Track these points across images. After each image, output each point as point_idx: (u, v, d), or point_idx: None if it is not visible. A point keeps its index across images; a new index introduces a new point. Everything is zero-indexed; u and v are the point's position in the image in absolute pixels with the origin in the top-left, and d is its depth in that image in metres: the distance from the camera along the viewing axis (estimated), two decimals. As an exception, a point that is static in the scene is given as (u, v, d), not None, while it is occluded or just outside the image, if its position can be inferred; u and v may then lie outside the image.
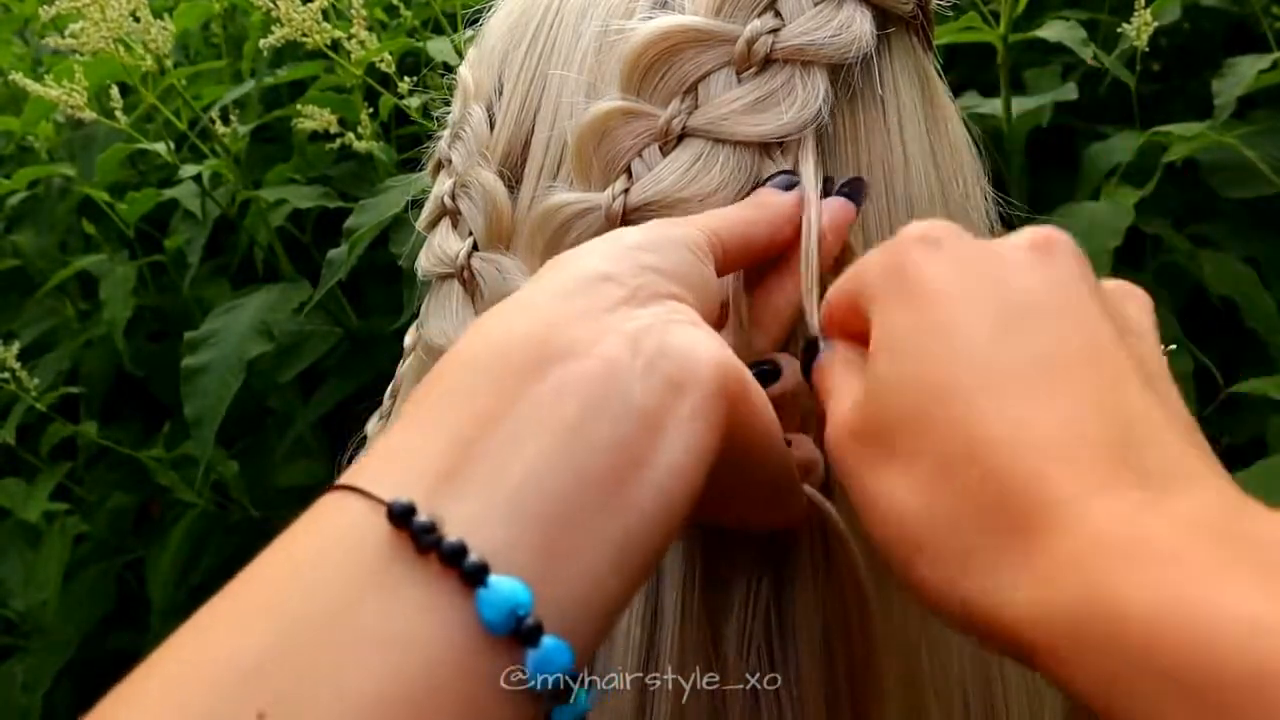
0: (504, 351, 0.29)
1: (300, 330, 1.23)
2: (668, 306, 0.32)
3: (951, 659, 0.42)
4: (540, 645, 0.25)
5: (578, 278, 0.32)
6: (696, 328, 0.32)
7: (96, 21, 1.10)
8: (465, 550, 0.25)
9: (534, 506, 0.26)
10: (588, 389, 0.28)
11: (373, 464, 0.28)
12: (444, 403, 0.29)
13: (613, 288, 0.31)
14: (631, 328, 0.30)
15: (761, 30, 0.41)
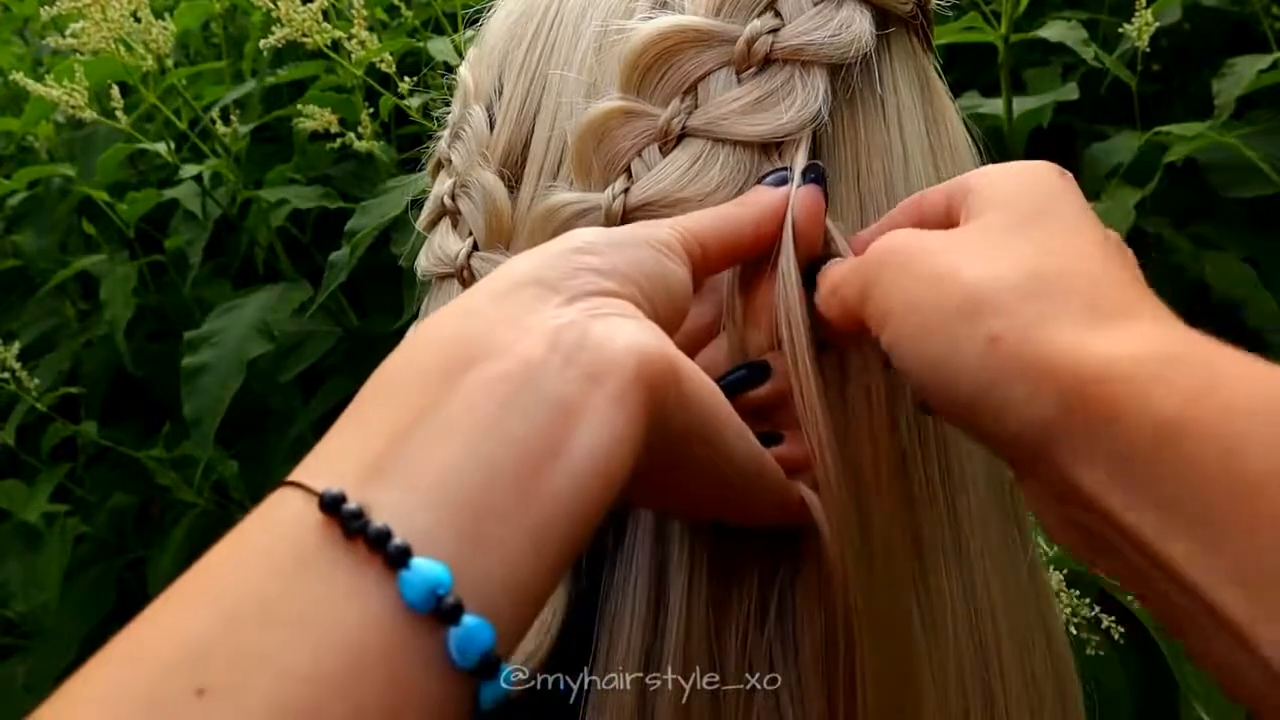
0: (433, 352, 0.31)
1: (301, 330, 1.23)
2: (596, 302, 0.33)
3: (949, 654, 0.42)
4: (461, 623, 0.26)
5: (509, 282, 0.33)
6: (624, 319, 0.33)
7: (97, 21, 1.10)
8: (389, 535, 0.27)
9: (453, 496, 0.28)
10: (504, 386, 0.30)
11: (313, 461, 0.30)
12: (377, 401, 0.31)
13: (541, 290, 0.33)
14: (553, 324, 0.32)
15: (761, 30, 0.41)
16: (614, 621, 0.41)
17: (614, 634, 0.40)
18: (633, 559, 0.41)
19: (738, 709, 0.39)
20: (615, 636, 0.40)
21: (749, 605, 0.40)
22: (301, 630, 0.25)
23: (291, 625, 0.25)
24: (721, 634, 0.40)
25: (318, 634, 0.25)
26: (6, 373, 1.28)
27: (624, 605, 0.41)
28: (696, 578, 0.40)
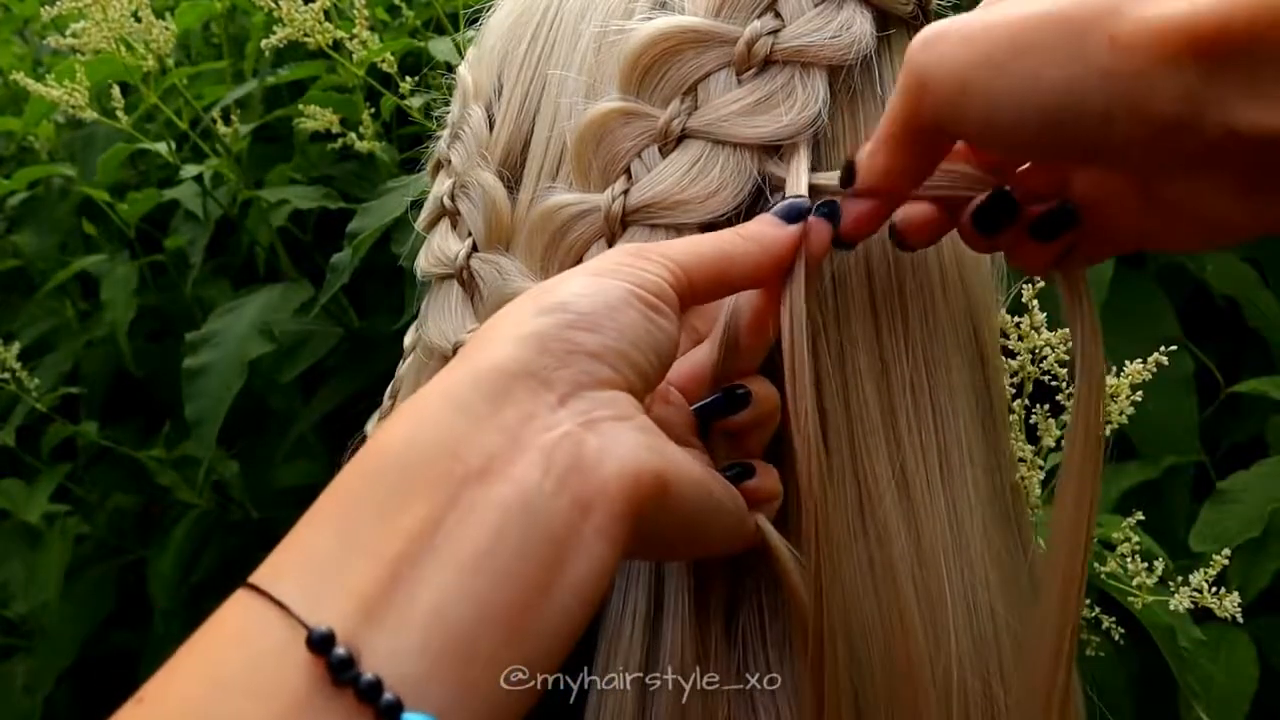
0: (419, 461, 0.30)
1: (301, 330, 1.23)
2: (589, 401, 0.32)
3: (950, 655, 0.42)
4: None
5: (498, 375, 0.32)
6: (618, 422, 0.32)
7: (98, 21, 1.10)
8: (380, 688, 0.26)
9: (446, 641, 0.28)
10: (497, 518, 0.29)
11: (290, 565, 0.29)
12: (359, 509, 0.30)
13: (534, 386, 0.32)
14: (547, 439, 0.31)
15: (761, 31, 0.41)
16: (614, 622, 0.41)
17: (614, 634, 0.40)
18: (632, 560, 0.41)
19: (737, 709, 0.39)
20: (615, 636, 0.40)
21: (747, 604, 0.40)
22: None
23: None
24: (718, 633, 0.40)
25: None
26: (7, 373, 1.28)
27: (624, 605, 0.41)
28: (693, 583, 0.40)
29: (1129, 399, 0.68)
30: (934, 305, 0.43)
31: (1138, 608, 0.72)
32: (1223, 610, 0.69)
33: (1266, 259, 1.04)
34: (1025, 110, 0.32)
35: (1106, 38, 0.31)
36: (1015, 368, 0.66)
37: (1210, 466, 0.99)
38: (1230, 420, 1.03)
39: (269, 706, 0.26)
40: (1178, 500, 0.98)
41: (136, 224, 1.31)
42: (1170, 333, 0.97)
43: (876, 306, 0.41)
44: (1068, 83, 0.31)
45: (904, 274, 0.42)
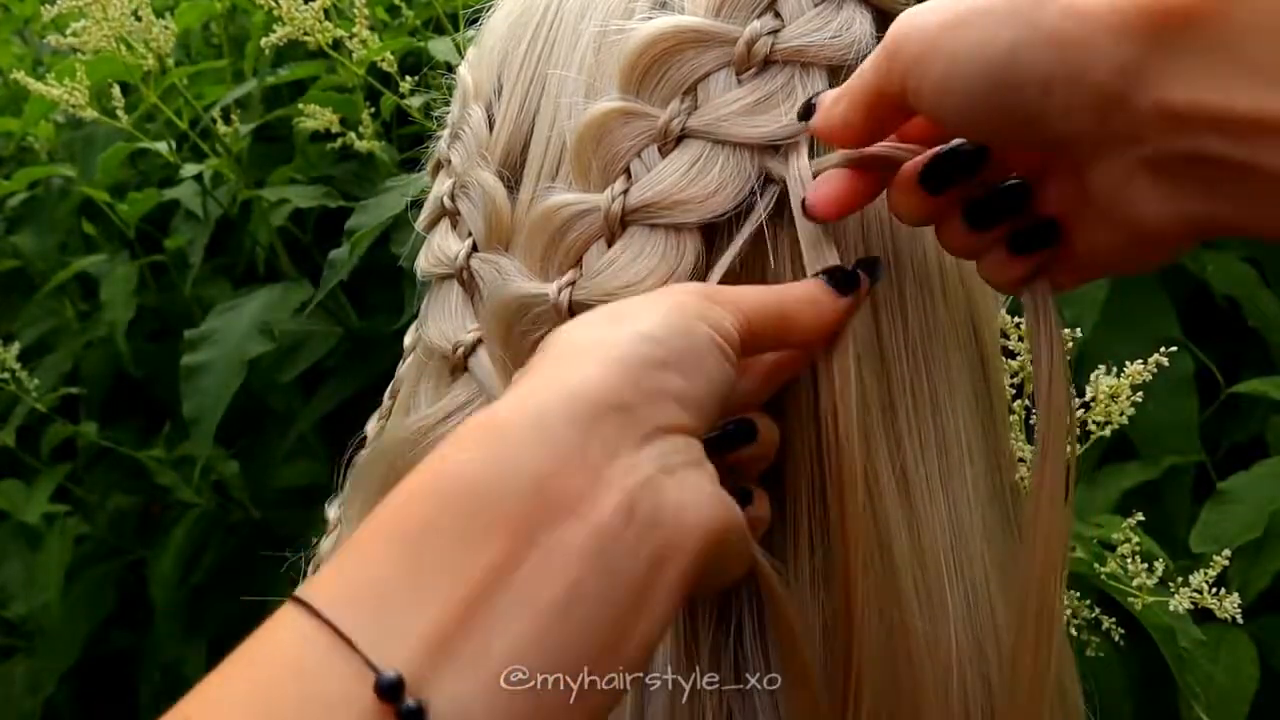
0: (499, 492, 0.29)
1: (301, 330, 1.23)
2: (669, 445, 0.32)
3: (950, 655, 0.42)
4: None
5: (588, 403, 0.31)
6: (694, 470, 0.32)
7: (98, 20, 1.10)
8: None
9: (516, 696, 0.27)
10: (578, 563, 0.29)
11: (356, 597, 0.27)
12: (435, 541, 0.28)
13: (623, 423, 0.31)
14: (630, 483, 0.30)
15: (761, 31, 0.41)
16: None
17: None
18: None
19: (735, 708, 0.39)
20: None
21: (746, 604, 0.40)
22: None
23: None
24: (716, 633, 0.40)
25: None
26: (6, 373, 1.28)
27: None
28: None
29: (1129, 399, 0.68)
30: (934, 305, 0.43)
31: (1138, 608, 0.72)
32: (1223, 611, 0.69)
33: (1266, 259, 1.04)
34: (974, 72, 0.33)
35: (1060, 6, 0.31)
36: (1015, 368, 0.66)
37: (1211, 467, 0.99)
38: (1231, 421, 1.03)
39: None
40: (1178, 501, 0.98)
41: (136, 224, 1.31)
42: (1170, 333, 0.97)
43: (877, 306, 0.41)
44: (1014, 45, 0.32)
45: (904, 274, 0.42)
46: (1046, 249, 0.38)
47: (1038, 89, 0.32)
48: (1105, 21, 0.30)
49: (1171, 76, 0.30)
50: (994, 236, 0.38)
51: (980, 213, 0.38)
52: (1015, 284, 0.39)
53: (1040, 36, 0.31)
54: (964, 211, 0.38)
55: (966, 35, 0.33)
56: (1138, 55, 0.30)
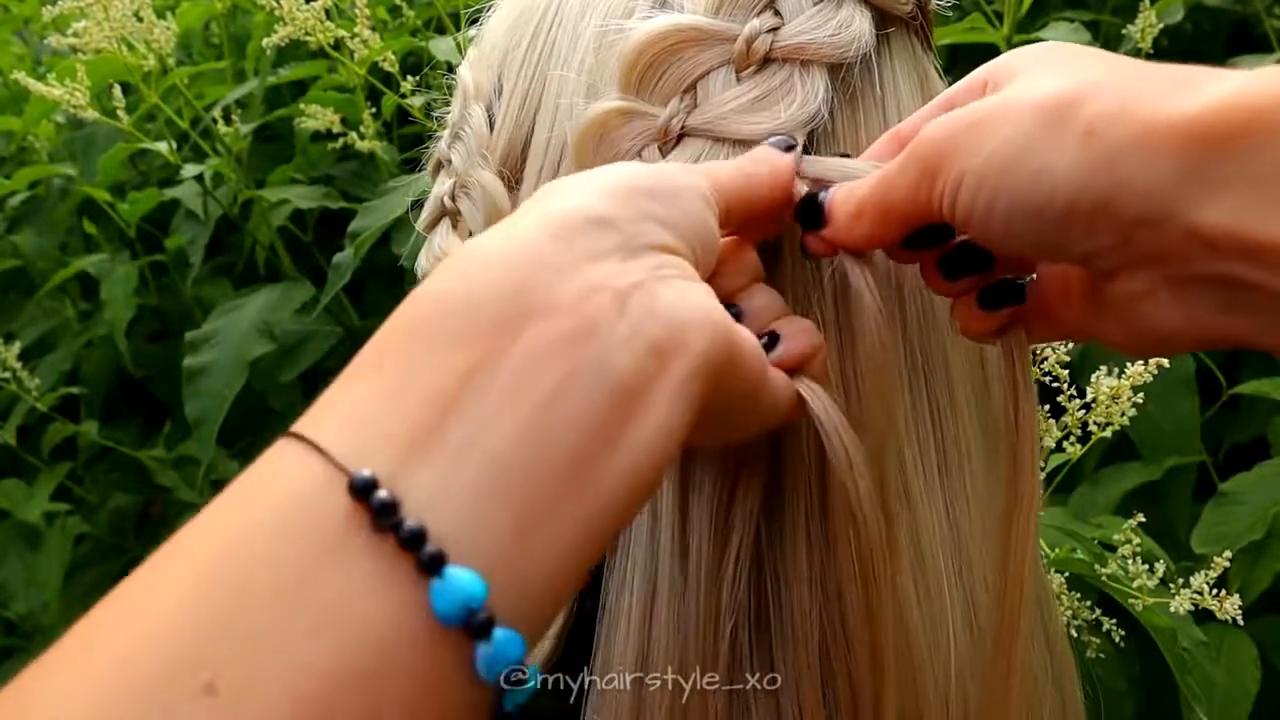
0: (480, 298, 0.28)
1: (302, 330, 1.23)
2: (661, 259, 0.31)
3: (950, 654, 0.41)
4: (491, 639, 0.25)
5: (571, 215, 0.30)
6: (689, 282, 0.31)
7: (99, 21, 1.10)
8: (424, 536, 0.25)
9: (500, 488, 0.26)
10: (565, 355, 0.27)
11: (333, 414, 0.27)
12: (410, 351, 0.28)
13: (608, 234, 0.30)
14: (621, 283, 0.29)
15: (761, 29, 0.41)
16: (612, 621, 0.41)
17: (612, 634, 0.40)
18: (629, 558, 0.41)
19: (734, 708, 0.39)
20: (613, 636, 0.40)
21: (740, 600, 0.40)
22: (322, 625, 0.24)
23: (311, 618, 0.24)
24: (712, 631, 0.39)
25: (340, 631, 0.24)
26: (7, 373, 1.28)
27: (620, 604, 0.41)
28: (685, 576, 0.40)
29: (1130, 400, 0.68)
30: (933, 304, 0.43)
31: (1139, 610, 0.72)
32: (1223, 612, 0.69)
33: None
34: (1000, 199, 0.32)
35: (1082, 130, 0.31)
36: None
37: (1212, 468, 0.99)
38: (1232, 421, 1.03)
39: (302, 547, 0.24)
40: (1179, 502, 0.98)
41: (137, 224, 1.31)
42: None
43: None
44: (1039, 173, 0.31)
45: (903, 273, 0.42)
46: (1013, 305, 0.38)
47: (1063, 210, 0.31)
48: (1133, 145, 0.30)
49: (1205, 205, 0.29)
50: (961, 288, 0.38)
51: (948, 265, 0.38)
52: (985, 335, 0.39)
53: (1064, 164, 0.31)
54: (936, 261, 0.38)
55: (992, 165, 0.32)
56: (1170, 182, 0.30)
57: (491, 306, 0.28)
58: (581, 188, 0.31)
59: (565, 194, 0.31)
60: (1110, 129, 0.30)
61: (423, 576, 0.25)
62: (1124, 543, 0.72)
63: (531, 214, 0.31)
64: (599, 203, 0.31)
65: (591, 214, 0.30)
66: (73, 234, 1.51)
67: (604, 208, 0.31)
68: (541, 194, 0.32)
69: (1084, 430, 0.69)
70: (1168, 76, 0.31)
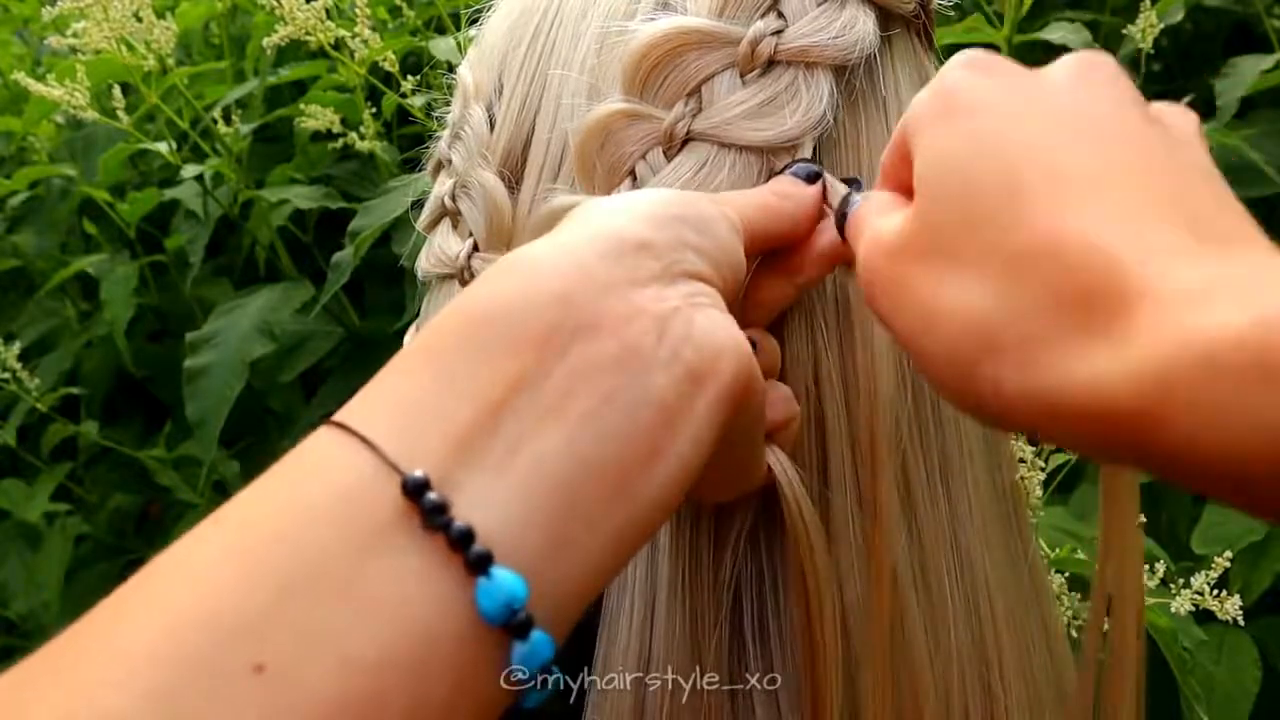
0: (532, 310, 0.29)
1: (302, 330, 1.23)
2: (695, 287, 0.32)
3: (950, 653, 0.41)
4: (529, 639, 0.26)
5: (617, 240, 0.31)
6: (718, 311, 0.32)
7: (99, 21, 1.10)
8: (472, 537, 0.26)
9: (544, 492, 0.27)
10: (609, 374, 0.29)
11: (382, 409, 0.28)
12: (462, 354, 0.28)
13: (648, 259, 0.31)
14: (660, 309, 0.30)
15: (765, 32, 0.41)
16: (612, 621, 0.41)
17: (612, 634, 0.40)
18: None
19: (734, 709, 0.39)
20: (613, 636, 0.40)
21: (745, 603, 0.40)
22: (370, 616, 0.24)
23: (359, 608, 0.24)
24: (715, 633, 0.39)
25: (387, 623, 0.25)
26: (7, 373, 1.28)
27: (621, 604, 0.41)
28: (684, 576, 0.40)
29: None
30: None
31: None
32: (1224, 613, 0.69)
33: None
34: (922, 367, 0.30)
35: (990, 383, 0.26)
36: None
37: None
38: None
39: (354, 540, 0.25)
40: (1179, 502, 0.98)
41: (137, 224, 1.31)
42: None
43: None
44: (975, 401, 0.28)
45: None
46: None
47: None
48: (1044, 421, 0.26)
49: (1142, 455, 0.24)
50: None
51: None
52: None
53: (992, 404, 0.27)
54: None
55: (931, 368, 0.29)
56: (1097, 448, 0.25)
57: (540, 316, 0.29)
58: (625, 210, 0.33)
59: (609, 214, 0.33)
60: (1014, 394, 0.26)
61: (470, 575, 0.25)
62: (1124, 543, 0.72)
63: (577, 231, 0.32)
64: (642, 228, 0.32)
65: (634, 238, 0.32)
66: (73, 234, 1.51)
67: (646, 233, 0.32)
68: (585, 212, 0.33)
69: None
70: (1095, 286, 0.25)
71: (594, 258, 0.31)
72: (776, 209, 0.38)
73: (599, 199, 0.35)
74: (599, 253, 0.31)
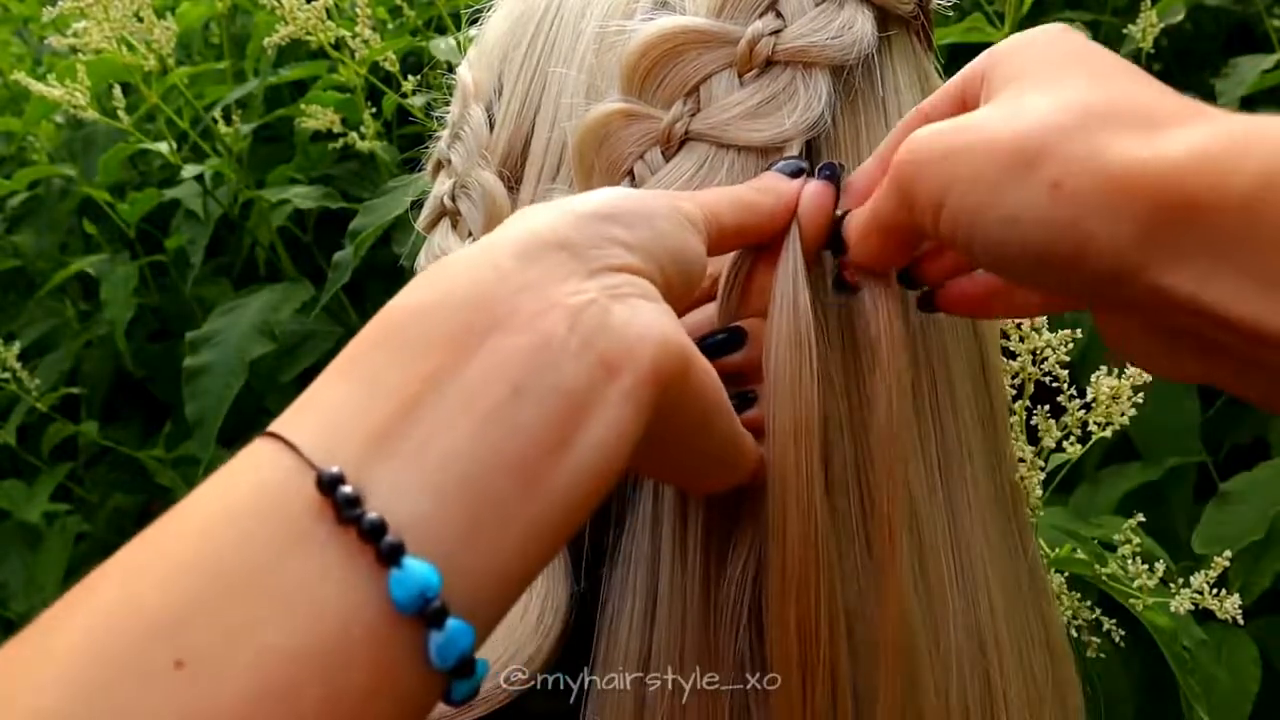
0: (446, 312, 0.30)
1: (302, 330, 1.23)
2: (619, 279, 0.32)
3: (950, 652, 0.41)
4: (445, 627, 0.26)
5: (532, 240, 0.32)
6: (645, 300, 0.32)
7: (99, 21, 1.10)
8: (384, 528, 0.26)
9: (455, 485, 0.28)
10: (519, 366, 0.29)
11: (308, 415, 0.29)
12: (384, 353, 0.30)
13: (565, 257, 0.32)
14: (575, 301, 0.31)
15: (763, 31, 0.41)
16: (613, 621, 0.41)
17: (612, 634, 0.40)
18: (630, 558, 0.41)
19: (734, 709, 0.39)
20: (614, 636, 0.40)
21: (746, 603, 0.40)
22: (287, 609, 0.25)
23: (277, 602, 0.25)
24: (712, 631, 0.39)
25: (304, 615, 0.25)
26: (7, 373, 1.28)
27: (622, 605, 0.41)
28: (686, 576, 0.40)
29: (1130, 400, 0.68)
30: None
31: (1139, 609, 0.71)
32: (1224, 612, 0.69)
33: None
34: (977, 237, 0.33)
35: (1049, 182, 0.31)
36: (1016, 369, 0.65)
37: (1213, 468, 0.99)
38: (1233, 421, 1.03)
39: (271, 535, 0.26)
40: (1179, 501, 0.98)
41: (136, 224, 1.31)
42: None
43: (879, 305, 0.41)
44: (1009, 223, 0.32)
45: None
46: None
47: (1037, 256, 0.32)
48: (1095, 208, 0.30)
49: (1168, 269, 0.30)
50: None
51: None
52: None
53: (1035, 217, 0.32)
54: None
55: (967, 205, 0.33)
56: (1135, 244, 0.30)
57: (454, 317, 0.30)
58: (548, 212, 0.34)
59: (532, 218, 0.33)
60: (1077, 182, 0.31)
61: (382, 566, 0.26)
62: (1124, 543, 0.72)
63: (497, 235, 0.33)
64: (562, 227, 0.33)
65: (552, 237, 0.32)
66: (73, 234, 1.51)
67: (565, 232, 0.32)
68: (514, 217, 0.34)
69: (1084, 430, 0.69)
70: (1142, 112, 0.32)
71: (509, 259, 0.31)
72: (752, 203, 0.38)
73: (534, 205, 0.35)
74: (514, 253, 0.31)
